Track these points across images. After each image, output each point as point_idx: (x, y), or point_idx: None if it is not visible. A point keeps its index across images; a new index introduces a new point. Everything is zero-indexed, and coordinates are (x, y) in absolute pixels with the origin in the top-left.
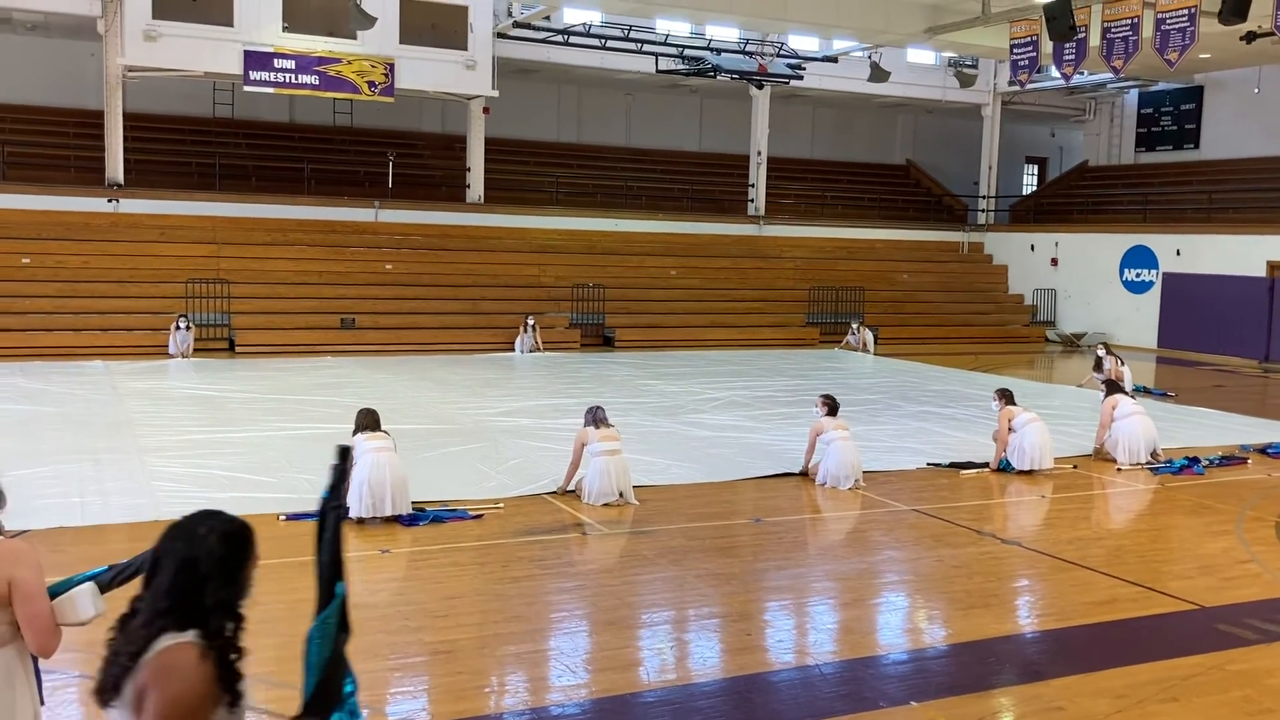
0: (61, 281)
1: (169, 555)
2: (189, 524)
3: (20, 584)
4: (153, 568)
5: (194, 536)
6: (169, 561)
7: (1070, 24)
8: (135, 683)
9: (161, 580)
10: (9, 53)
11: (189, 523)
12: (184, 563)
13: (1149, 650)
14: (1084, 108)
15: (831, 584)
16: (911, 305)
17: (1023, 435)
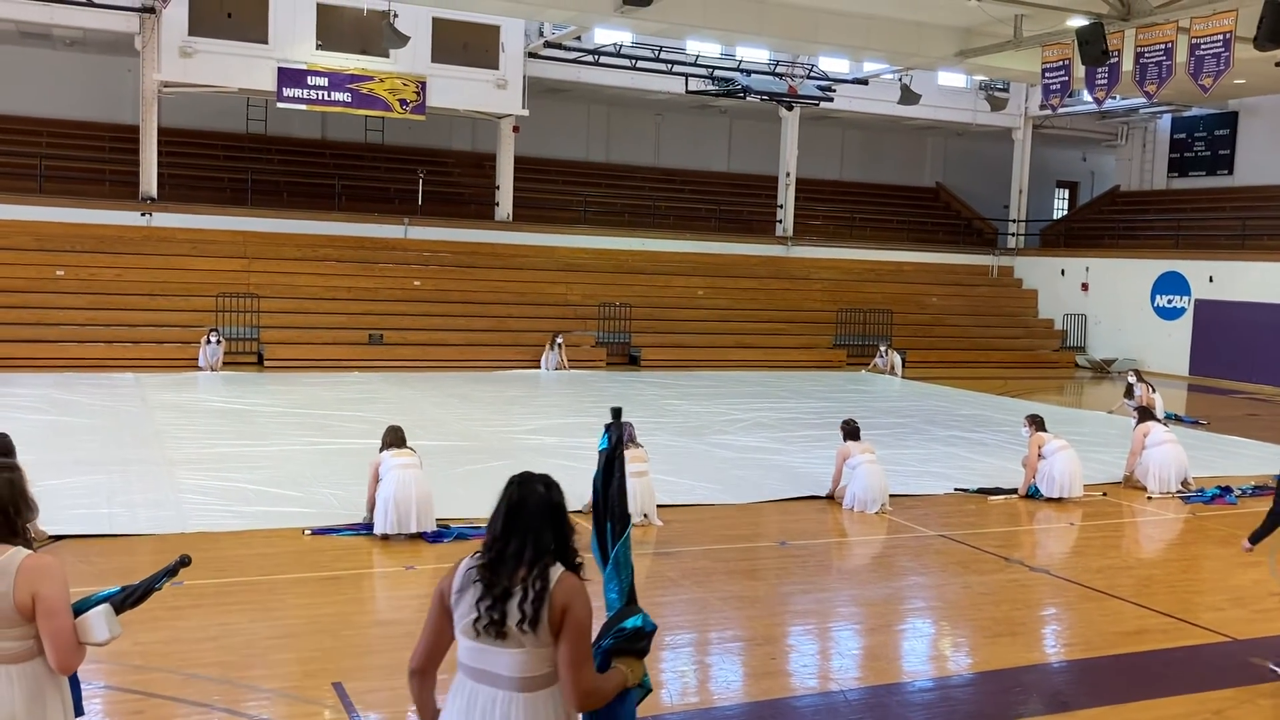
0: (94, 294)
1: (536, 504)
2: (533, 481)
3: (44, 599)
4: (511, 518)
5: (540, 489)
6: (536, 509)
7: (1103, 48)
8: (552, 606)
9: (534, 525)
10: (48, 68)
11: (533, 480)
12: (552, 508)
13: (1179, 683)
14: (1116, 132)
15: (856, 609)
16: (940, 329)
17: (1052, 462)
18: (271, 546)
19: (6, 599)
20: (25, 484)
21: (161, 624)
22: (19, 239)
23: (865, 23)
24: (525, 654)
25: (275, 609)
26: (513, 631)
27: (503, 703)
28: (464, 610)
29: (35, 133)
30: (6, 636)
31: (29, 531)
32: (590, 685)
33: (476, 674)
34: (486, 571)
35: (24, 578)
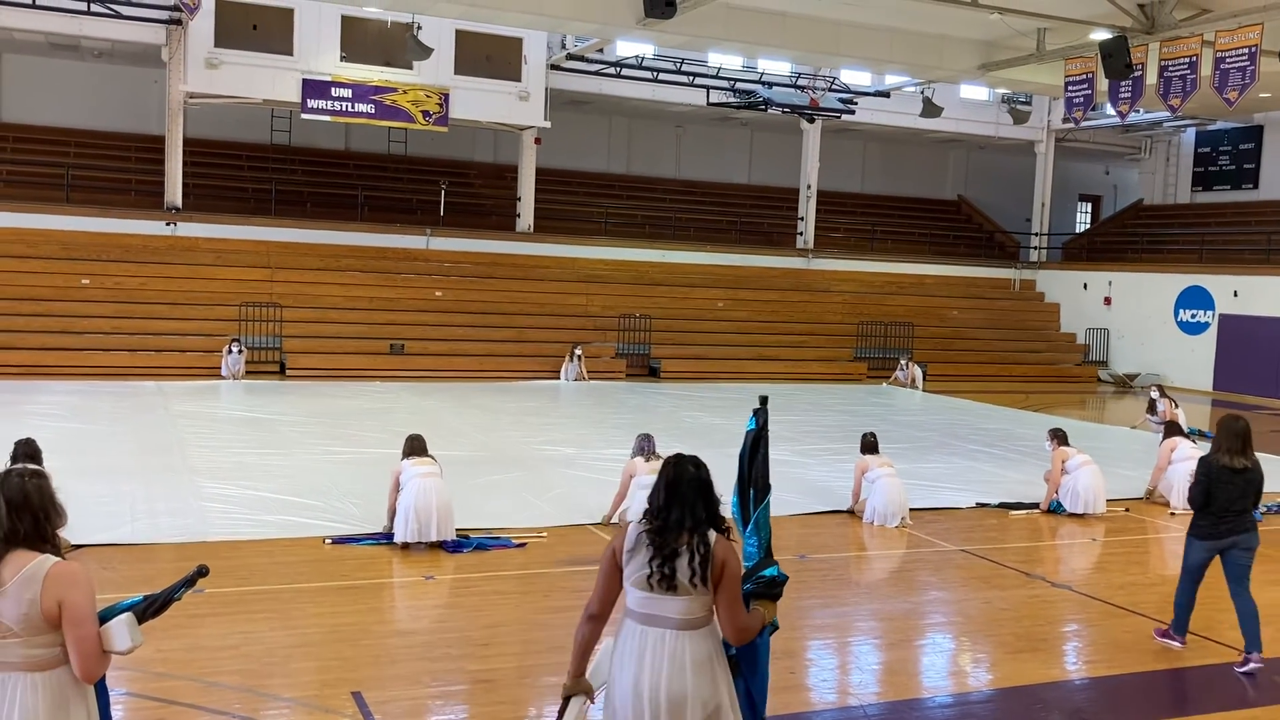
0: (119, 303)
1: (689, 483)
2: (687, 463)
3: (70, 607)
4: (671, 494)
5: (693, 469)
6: (691, 485)
7: (1127, 62)
8: (714, 563)
9: (691, 498)
10: (76, 79)
11: (686, 461)
12: (703, 485)
13: (1203, 701)
14: (1139, 146)
15: (876, 623)
16: (961, 342)
17: (1076, 477)
18: (292, 555)
19: (34, 606)
20: (54, 490)
21: (183, 631)
22: (46, 248)
23: (887, 35)
24: (690, 601)
25: (295, 618)
26: (682, 585)
27: (670, 639)
28: (636, 567)
29: (63, 143)
30: (33, 644)
31: (57, 538)
32: (743, 623)
33: (646, 618)
34: (656, 536)
35: (51, 585)
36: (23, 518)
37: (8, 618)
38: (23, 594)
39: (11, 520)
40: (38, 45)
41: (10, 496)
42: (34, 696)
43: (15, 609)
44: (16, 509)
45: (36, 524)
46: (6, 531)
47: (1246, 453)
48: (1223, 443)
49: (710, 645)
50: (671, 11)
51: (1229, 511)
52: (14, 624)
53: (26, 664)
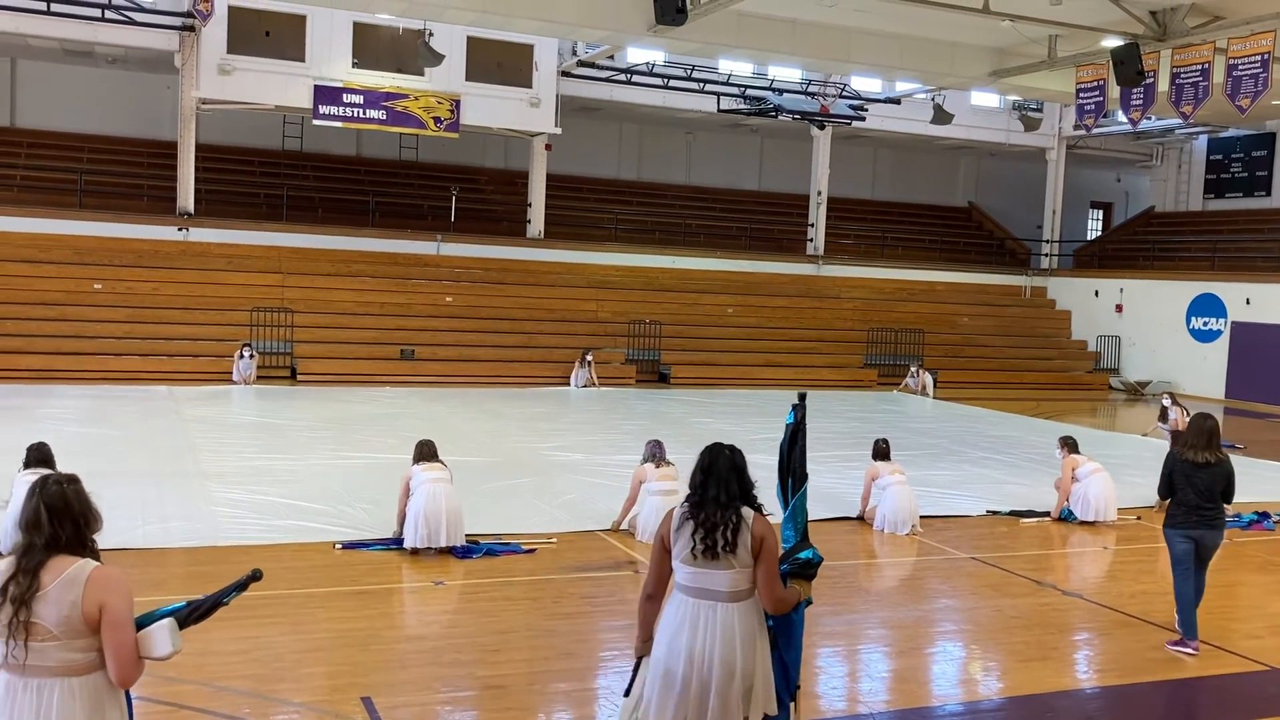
0: (131, 308)
1: (725, 463)
2: (722, 449)
3: (110, 611)
4: (708, 475)
5: (728, 454)
6: (725, 467)
7: (1138, 69)
8: (752, 537)
9: (725, 478)
10: (89, 85)
11: (721, 448)
12: (738, 468)
13: (1215, 711)
14: (1151, 153)
15: (886, 631)
16: (972, 349)
17: (1087, 485)
18: (302, 560)
19: (75, 609)
20: (90, 496)
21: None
22: (59, 253)
23: (898, 42)
24: (734, 573)
25: (305, 623)
26: (721, 555)
27: (721, 611)
28: (682, 543)
29: (76, 148)
30: (72, 648)
31: (95, 543)
32: (780, 594)
33: (696, 591)
34: (696, 510)
35: (92, 589)
36: (64, 524)
37: (48, 621)
38: (64, 597)
39: (53, 526)
40: (52, 51)
41: (51, 503)
42: (71, 702)
43: (56, 612)
44: (58, 515)
45: (77, 530)
46: (48, 537)
47: (1211, 449)
48: (1189, 438)
49: (755, 619)
50: (682, 18)
51: (1199, 505)
52: (54, 627)
53: (64, 669)
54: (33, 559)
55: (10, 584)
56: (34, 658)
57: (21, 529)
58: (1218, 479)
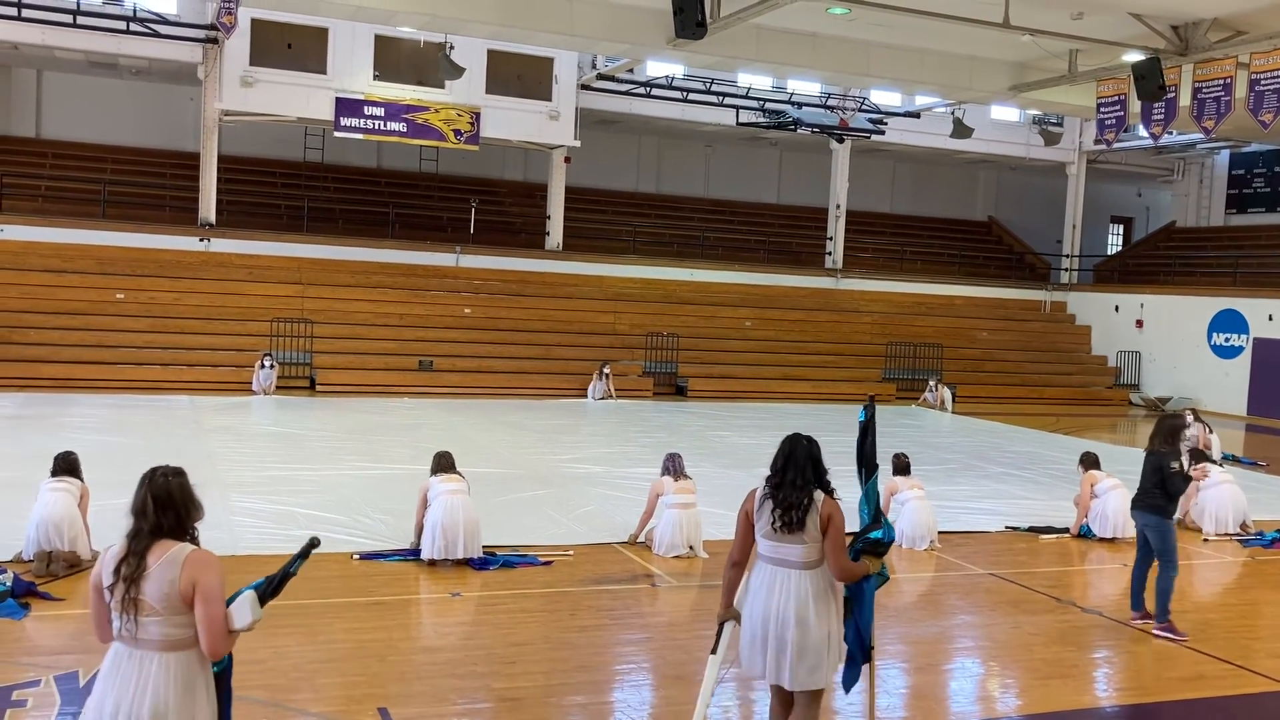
0: (153, 317)
1: (803, 452)
2: (800, 439)
3: (203, 587)
4: (788, 461)
5: (805, 444)
6: (803, 456)
7: (1160, 83)
8: (818, 515)
9: (803, 464)
10: (114, 97)
11: (800, 438)
12: (813, 457)
13: None
14: (1172, 168)
15: (904, 647)
16: (991, 364)
17: (1105, 501)
18: (320, 570)
19: (173, 586)
20: (193, 488)
21: None
22: (82, 262)
23: (918, 56)
24: (806, 546)
25: (323, 633)
26: (795, 530)
27: (795, 577)
28: (763, 520)
29: (100, 159)
30: (172, 623)
31: (195, 530)
32: (846, 564)
33: (775, 561)
34: (775, 490)
35: (188, 568)
36: (166, 513)
37: (151, 597)
38: (165, 575)
39: (157, 515)
40: (77, 64)
41: (157, 494)
42: (165, 676)
43: (157, 589)
44: (162, 505)
45: (179, 519)
46: (152, 524)
47: (1158, 440)
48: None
49: (824, 583)
50: (702, 32)
51: (1140, 490)
52: (156, 603)
53: (163, 643)
54: (140, 543)
55: (122, 565)
56: (141, 631)
57: (130, 515)
58: (1150, 467)
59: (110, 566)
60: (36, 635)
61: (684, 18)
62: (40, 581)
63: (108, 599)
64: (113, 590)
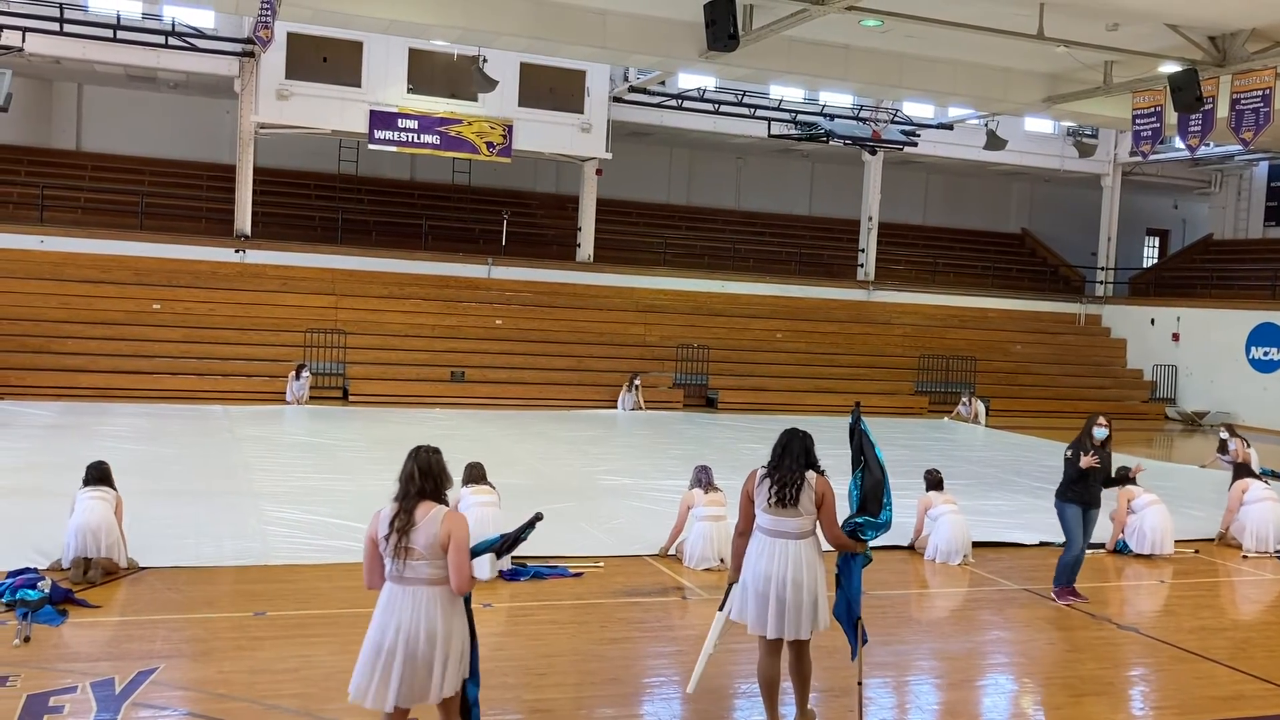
0: (188, 328)
1: (798, 443)
2: (796, 432)
3: (455, 538)
4: (784, 451)
5: (800, 436)
6: (798, 445)
7: (1197, 95)
8: (811, 494)
9: (797, 453)
10: (152, 110)
11: (796, 431)
12: (806, 448)
13: None
14: (1209, 179)
15: (937, 663)
16: (1025, 377)
17: (1142, 517)
18: (352, 580)
19: (434, 537)
20: (445, 463)
21: (244, 654)
22: (119, 273)
23: (951, 68)
24: (801, 519)
25: (355, 642)
26: (790, 505)
27: (792, 546)
28: (762, 495)
29: (138, 171)
30: (433, 565)
31: (446, 496)
32: (838, 534)
33: (773, 533)
34: (773, 471)
35: (446, 523)
36: (428, 480)
37: (418, 545)
38: (428, 529)
39: (421, 481)
40: (116, 77)
41: (421, 466)
42: (433, 604)
43: (424, 539)
44: (424, 474)
45: (437, 486)
46: (418, 489)
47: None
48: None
49: (816, 553)
50: (734, 44)
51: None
52: (423, 550)
53: (427, 580)
54: (409, 503)
55: (395, 520)
56: (409, 572)
57: (399, 482)
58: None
59: (385, 522)
60: (74, 642)
61: (716, 30)
62: (77, 588)
63: (381, 548)
64: (387, 540)
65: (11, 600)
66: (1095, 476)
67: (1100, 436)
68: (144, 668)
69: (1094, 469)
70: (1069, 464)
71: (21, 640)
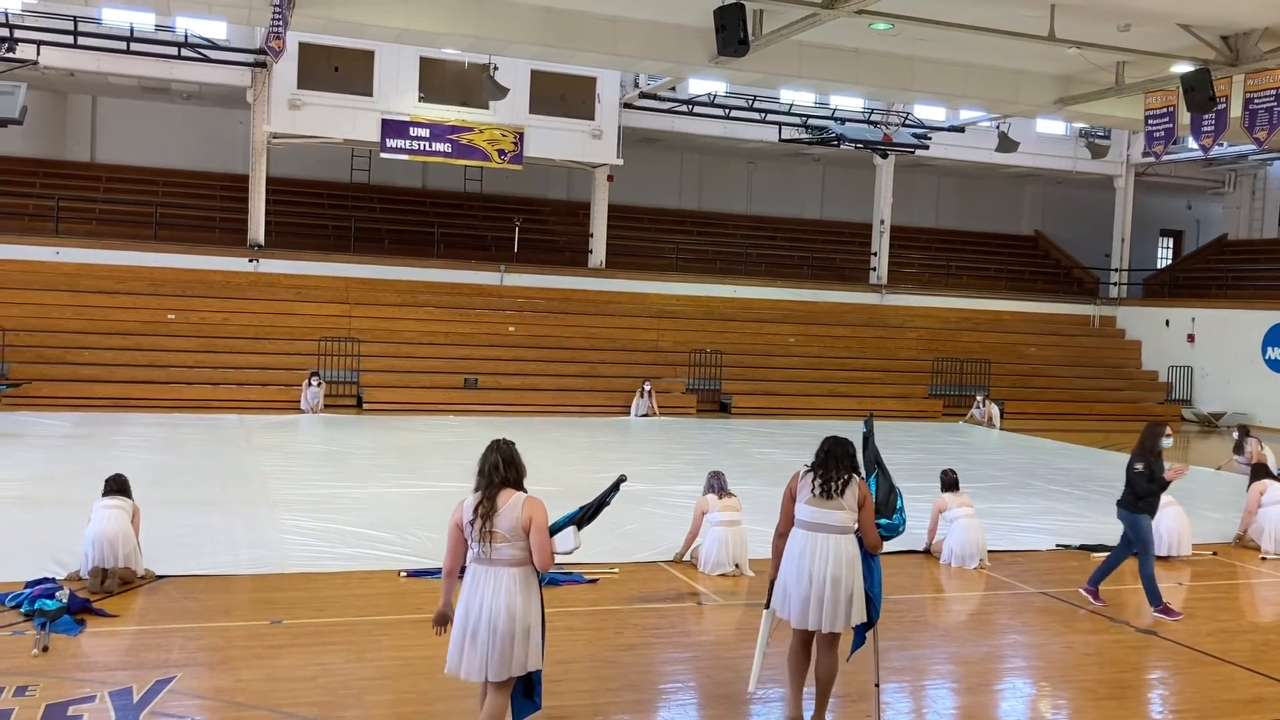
0: (202, 337)
1: (842, 447)
2: (837, 439)
3: (537, 521)
4: (828, 455)
5: (844, 441)
6: (841, 449)
7: (1210, 95)
8: (856, 492)
9: (841, 455)
10: (165, 121)
11: (837, 438)
12: (849, 453)
13: None
14: (1223, 179)
15: (953, 667)
16: (1039, 380)
17: (1159, 519)
18: (368, 588)
19: (516, 521)
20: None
21: (261, 662)
22: (134, 284)
23: (962, 71)
24: (843, 514)
25: (371, 650)
26: (834, 496)
27: (833, 541)
28: (806, 489)
29: (152, 182)
30: (515, 547)
31: (524, 485)
32: (876, 537)
33: (815, 527)
34: (820, 470)
35: (527, 508)
36: (509, 470)
37: (501, 529)
38: (510, 514)
39: (504, 471)
40: (130, 89)
41: (504, 457)
42: (513, 584)
43: (507, 523)
44: (506, 464)
45: (517, 474)
46: (502, 477)
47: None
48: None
49: (855, 548)
50: (744, 50)
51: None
52: (506, 533)
53: (511, 561)
54: (492, 490)
55: (479, 506)
56: (494, 554)
57: (480, 473)
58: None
59: (470, 509)
60: (92, 651)
61: (726, 35)
62: (95, 598)
63: (467, 533)
64: (473, 525)
65: (30, 610)
66: (1162, 486)
67: (1167, 446)
68: (161, 676)
69: (1161, 480)
70: (1139, 477)
71: (40, 650)
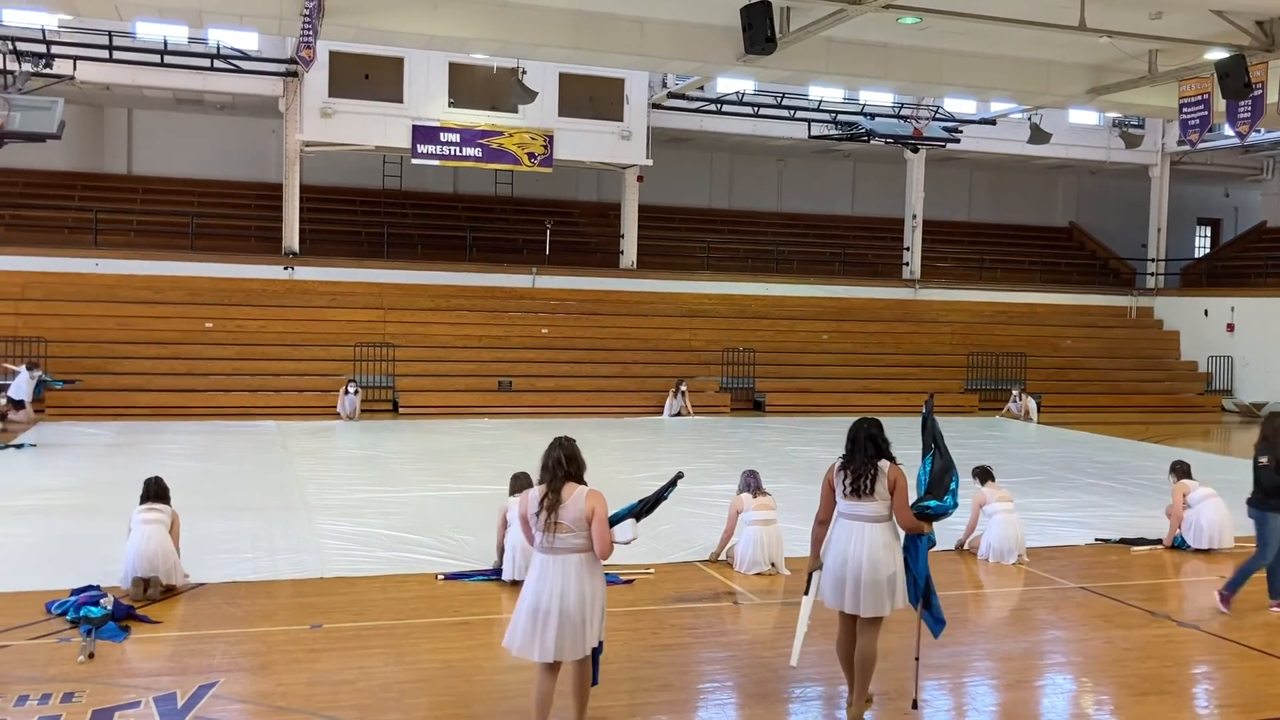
0: (240, 345)
1: (864, 432)
2: (863, 422)
3: (598, 513)
4: (854, 443)
5: (866, 425)
6: (864, 435)
7: (1245, 81)
8: (886, 479)
9: (865, 443)
10: (199, 132)
11: (863, 421)
12: (873, 436)
13: None
14: (1261, 166)
15: (993, 663)
16: (1076, 372)
17: (1199, 511)
18: (406, 591)
19: (580, 512)
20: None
21: (301, 666)
22: (172, 293)
23: (992, 63)
24: (876, 504)
25: (410, 653)
26: (865, 492)
27: (869, 529)
28: (841, 484)
29: (187, 193)
30: (579, 536)
31: (584, 479)
32: (909, 519)
33: (851, 517)
34: (847, 463)
35: (589, 500)
36: (572, 464)
37: (566, 520)
38: (574, 505)
39: (567, 466)
40: (165, 101)
41: (567, 453)
42: (578, 569)
43: (572, 514)
44: (569, 459)
45: (579, 469)
46: (566, 471)
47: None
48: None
49: (891, 534)
50: (772, 47)
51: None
52: (570, 523)
53: (573, 549)
54: (557, 484)
55: (545, 499)
56: (558, 543)
57: (544, 468)
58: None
59: (535, 502)
60: (135, 657)
61: (754, 34)
62: (138, 605)
63: (533, 524)
64: (538, 516)
65: (76, 617)
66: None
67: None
68: (205, 681)
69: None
70: (1265, 471)
71: (86, 657)
